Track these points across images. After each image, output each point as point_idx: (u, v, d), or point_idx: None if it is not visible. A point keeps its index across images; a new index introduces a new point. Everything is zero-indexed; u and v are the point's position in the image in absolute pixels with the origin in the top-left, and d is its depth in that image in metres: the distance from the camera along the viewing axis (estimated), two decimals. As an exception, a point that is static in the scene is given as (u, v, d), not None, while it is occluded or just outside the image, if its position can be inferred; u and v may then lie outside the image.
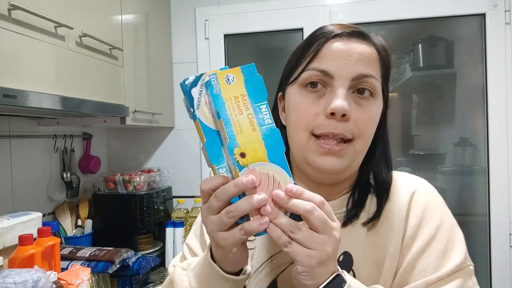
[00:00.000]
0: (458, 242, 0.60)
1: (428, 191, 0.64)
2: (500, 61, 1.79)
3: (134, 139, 2.15)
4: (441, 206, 0.63)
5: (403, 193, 0.63)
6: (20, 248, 1.06)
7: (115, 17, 1.54)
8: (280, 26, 1.99)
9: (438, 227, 0.60)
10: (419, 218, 0.61)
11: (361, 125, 0.57)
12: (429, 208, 0.61)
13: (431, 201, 0.63)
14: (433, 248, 0.58)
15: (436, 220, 0.60)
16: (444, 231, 0.60)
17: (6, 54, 0.98)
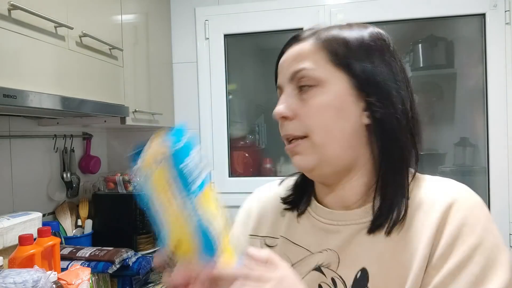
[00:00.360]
0: (501, 267, 0.50)
1: (471, 203, 0.54)
2: (500, 61, 1.79)
3: (134, 139, 2.15)
4: (483, 222, 0.54)
5: (438, 202, 0.54)
6: (20, 248, 1.06)
7: (115, 17, 1.54)
8: (280, 26, 1.99)
9: (476, 248, 0.51)
10: (453, 236, 0.52)
11: (307, 119, 0.56)
12: (468, 224, 0.52)
13: (472, 216, 0.53)
14: (466, 273, 0.50)
15: (474, 239, 0.51)
16: (483, 252, 0.51)
17: (6, 54, 0.98)
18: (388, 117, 0.55)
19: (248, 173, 2.10)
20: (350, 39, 0.57)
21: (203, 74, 2.07)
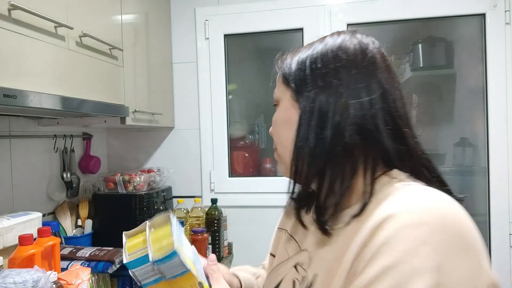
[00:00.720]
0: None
1: (405, 222, 0.48)
2: (500, 61, 1.79)
3: (134, 139, 2.15)
4: (410, 243, 0.46)
5: (375, 215, 0.51)
6: (20, 248, 1.06)
7: (115, 17, 1.54)
8: (280, 26, 1.99)
9: (388, 269, 0.46)
10: (372, 254, 0.48)
11: (272, 132, 0.67)
12: (389, 244, 0.47)
13: (398, 235, 0.47)
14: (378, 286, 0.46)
15: (389, 260, 0.46)
16: (395, 276, 0.45)
17: (6, 54, 0.98)
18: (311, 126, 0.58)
19: (248, 173, 2.10)
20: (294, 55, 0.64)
21: (203, 74, 2.07)
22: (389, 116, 0.58)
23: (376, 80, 0.59)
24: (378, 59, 0.61)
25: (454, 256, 0.46)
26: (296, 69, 0.62)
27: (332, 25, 1.93)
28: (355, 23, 1.93)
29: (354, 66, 0.59)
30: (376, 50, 0.62)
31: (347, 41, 0.61)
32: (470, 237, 0.48)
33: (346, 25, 1.92)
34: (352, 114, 0.56)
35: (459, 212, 0.50)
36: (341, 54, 0.60)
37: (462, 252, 0.46)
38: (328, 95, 0.58)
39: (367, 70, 0.59)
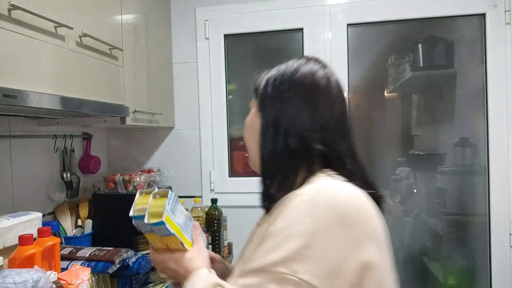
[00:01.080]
0: (282, 250, 0.60)
1: (303, 198, 0.64)
2: (500, 61, 1.79)
3: (134, 139, 2.15)
4: (296, 214, 0.63)
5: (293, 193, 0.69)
6: (20, 248, 1.06)
7: (115, 17, 1.54)
8: (280, 26, 1.99)
9: (276, 230, 0.63)
10: (273, 218, 0.67)
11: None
12: (285, 213, 0.64)
13: (294, 207, 0.64)
14: (261, 246, 0.64)
15: (279, 224, 0.64)
16: (278, 235, 0.62)
17: (6, 54, 0.98)
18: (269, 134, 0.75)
19: (248, 173, 2.10)
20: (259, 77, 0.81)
21: (203, 74, 2.07)
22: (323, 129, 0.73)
23: (317, 101, 0.74)
24: (322, 83, 0.75)
25: (330, 228, 0.60)
26: (263, 85, 0.79)
27: (332, 25, 1.93)
28: (355, 23, 1.93)
29: (302, 88, 0.75)
30: (322, 76, 0.76)
31: (301, 66, 0.77)
32: (354, 220, 0.62)
33: (346, 25, 1.92)
34: (296, 126, 0.72)
35: (353, 199, 0.65)
36: (294, 77, 0.76)
37: (339, 228, 0.60)
38: (281, 109, 0.74)
39: (311, 92, 0.75)
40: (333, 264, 0.58)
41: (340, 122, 0.76)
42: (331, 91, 0.76)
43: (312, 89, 0.75)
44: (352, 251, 0.60)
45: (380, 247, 0.64)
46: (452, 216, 1.93)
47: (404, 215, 2.05)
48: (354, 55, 1.96)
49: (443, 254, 1.99)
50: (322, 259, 0.58)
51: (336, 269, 0.58)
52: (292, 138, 0.72)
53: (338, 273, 0.58)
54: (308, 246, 0.59)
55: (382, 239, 0.66)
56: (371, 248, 0.61)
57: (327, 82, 0.76)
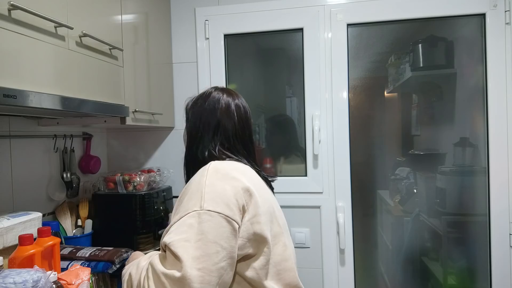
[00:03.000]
0: (191, 199, 0.91)
1: (199, 172, 1.00)
2: (500, 61, 1.79)
3: (134, 139, 2.15)
4: (197, 178, 0.97)
5: None
6: (20, 248, 1.06)
7: (115, 17, 1.54)
8: (280, 26, 1.99)
9: (185, 192, 0.96)
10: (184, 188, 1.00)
11: None
12: (192, 180, 0.99)
13: (195, 177, 0.99)
14: (178, 206, 0.95)
15: (188, 188, 0.96)
16: (187, 193, 0.94)
17: (6, 54, 0.98)
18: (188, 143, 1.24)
19: (248, 173, 2.10)
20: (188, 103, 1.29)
21: (203, 74, 2.08)
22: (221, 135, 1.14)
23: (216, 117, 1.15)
24: (222, 105, 1.15)
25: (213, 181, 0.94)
26: (187, 106, 1.27)
27: (332, 25, 1.93)
28: (355, 23, 1.93)
29: (205, 108, 1.18)
30: (224, 101, 1.16)
31: (210, 93, 1.20)
32: (224, 173, 0.97)
33: (346, 25, 1.92)
34: (201, 134, 1.17)
35: (221, 165, 1.01)
36: (201, 101, 1.21)
37: (218, 179, 0.95)
38: (192, 124, 1.22)
39: (212, 112, 1.15)
40: (223, 197, 0.90)
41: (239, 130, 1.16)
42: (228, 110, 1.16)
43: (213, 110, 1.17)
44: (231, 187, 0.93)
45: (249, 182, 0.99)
46: (452, 216, 1.93)
47: (404, 215, 2.05)
48: (354, 55, 1.96)
49: (443, 254, 1.99)
50: (215, 196, 0.90)
51: (225, 199, 0.90)
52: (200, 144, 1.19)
53: (227, 200, 0.90)
54: (206, 192, 0.90)
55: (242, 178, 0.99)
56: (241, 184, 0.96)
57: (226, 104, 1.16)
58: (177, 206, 0.95)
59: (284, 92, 2.09)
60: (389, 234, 2.11)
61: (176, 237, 0.84)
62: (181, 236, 0.84)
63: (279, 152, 2.10)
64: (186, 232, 0.84)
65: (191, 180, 0.98)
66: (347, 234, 1.93)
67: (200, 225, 0.84)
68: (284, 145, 2.12)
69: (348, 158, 1.93)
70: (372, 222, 2.11)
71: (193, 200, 0.89)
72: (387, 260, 2.12)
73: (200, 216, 0.85)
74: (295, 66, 2.01)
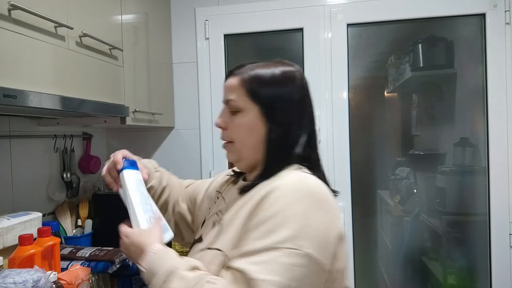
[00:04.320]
0: (287, 229, 0.69)
1: (286, 189, 0.75)
2: (500, 61, 1.79)
3: (134, 139, 2.15)
4: (293, 199, 0.73)
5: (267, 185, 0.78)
6: (20, 248, 1.06)
7: (115, 17, 1.54)
8: (280, 26, 1.99)
9: (276, 213, 0.71)
10: (267, 203, 0.74)
11: (232, 131, 0.86)
12: (275, 203, 0.73)
13: (283, 196, 0.74)
14: (262, 228, 0.71)
15: (279, 207, 0.72)
16: (279, 216, 0.71)
17: (6, 54, 0.98)
18: (276, 134, 0.82)
19: (248, 173, 2.10)
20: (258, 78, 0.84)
21: (203, 74, 2.08)
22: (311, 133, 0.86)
23: (306, 108, 0.87)
24: (306, 90, 0.88)
25: (315, 210, 0.73)
26: (265, 94, 0.84)
27: (332, 25, 1.93)
28: (355, 23, 1.93)
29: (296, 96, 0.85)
30: (305, 82, 0.88)
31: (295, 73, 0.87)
32: (327, 203, 0.76)
33: (346, 25, 1.92)
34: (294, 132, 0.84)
35: (321, 187, 0.78)
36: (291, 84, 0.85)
37: (321, 209, 0.74)
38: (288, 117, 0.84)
39: (302, 102, 0.86)
40: (323, 238, 0.71)
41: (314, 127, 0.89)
42: (310, 96, 0.89)
43: (302, 100, 0.86)
44: (332, 228, 0.74)
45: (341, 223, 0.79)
46: (452, 216, 1.93)
47: (404, 215, 2.05)
48: (354, 55, 1.96)
49: (443, 254, 1.99)
50: (316, 235, 0.71)
51: (325, 242, 0.71)
52: (291, 143, 0.84)
53: (327, 245, 0.72)
54: (305, 225, 0.70)
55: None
56: (339, 223, 0.77)
57: (307, 86, 0.88)
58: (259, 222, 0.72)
59: (284, 92, 2.09)
60: (389, 234, 2.11)
61: (264, 276, 0.67)
62: (271, 277, 0.66)
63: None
64: (278, 273, 0.67)
65: (278, 195, 0.74)
66: (347, 234, 1.93)
67: (296, 271, 0.68)
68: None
69: (348, 158, 1.93)
70: (372, 222, 2.11)
71: (288, 231, 0.69)
72: (387, 260, 2.12)
73: (298, 259, 0.68)
74: (295, 66, 2.01)
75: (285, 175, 0.80)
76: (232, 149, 0.88)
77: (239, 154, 0.88)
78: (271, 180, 0.80)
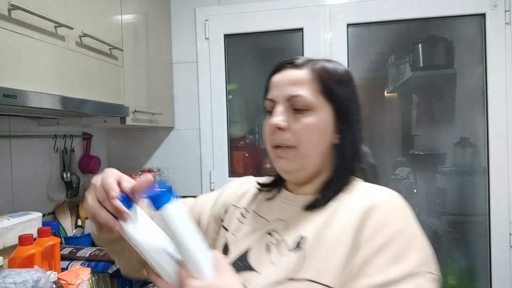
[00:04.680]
0: (417, 250, 0.60)
1: (390, 206, 0.66)
2: (500, 61, 1.79)
3: (134, 139, 2.15)
4: (406, 217, 0.64)
5: (361, 202, 0.66)
6: (20, 248, 1.06)
7: (115, 17, 1.54)
8: (280, 26, 1.99)
9: (398, 232, 0.62)
10: (379, 223, 0.63)
11: (298, 133, 0.70)
12: (393, 216, 0.64)
13: (396, 211, 0.65)
14: (389, 249, 0.60)
15: (397, 226, 0.62)
16: (405, 237, 0.61)
17: (6, 54, 0.98)
18: (348, 140, 0.73)
19: (248, 173, 2.09)
20: (335, 75, 0.73)
21: (203, 74, 2.07)
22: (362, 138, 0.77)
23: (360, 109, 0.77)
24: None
25: (420, 229, 0.65)
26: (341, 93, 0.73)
27: (332, 25, 1.93)
28: (355, 23, 1.93)
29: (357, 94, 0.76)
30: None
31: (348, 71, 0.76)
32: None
33: (346, 25, 1.92)
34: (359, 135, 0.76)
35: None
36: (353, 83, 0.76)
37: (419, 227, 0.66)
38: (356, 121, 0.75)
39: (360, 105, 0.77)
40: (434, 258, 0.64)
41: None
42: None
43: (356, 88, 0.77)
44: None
45: None
46: (452, 216, 1.93)
47: (404, 215, 2.05)
48: (354, 55, 1.96)
49: (443, 254, 1.99)
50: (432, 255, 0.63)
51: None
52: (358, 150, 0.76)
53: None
54: (426, 246, 0.63)
55: None
56: None
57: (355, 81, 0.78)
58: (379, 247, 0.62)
59: (284, 92, 2.09)
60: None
61: None
62: None
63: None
64: None
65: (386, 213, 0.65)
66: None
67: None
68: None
69: (348, 158, 1.93)
70: (372, 222, 2.11)
71: (418, 253, 0.61)
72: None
73: (435, 284, 0.61)
74: (295, 66, 2.01)
75: (366, 188, 0.72)
76: (293, 156, 0.71)
77: (302, 161, 0.72)
78: (353, 195, 0.70)
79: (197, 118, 2.09)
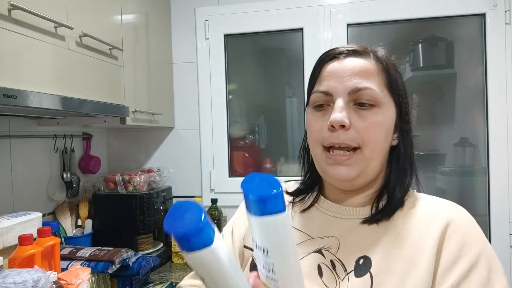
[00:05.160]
0: (500, 271, 0.58)
1: (466, 221, 0.61)
2: (500, 61, 1.79)
3: (134, 139, 2.15)
4: (480, 235, 0.61)
5: (437, 219, 0.61)
6: (20, 248, 1.06)
7: (115, 17, 1.54)
8: (280, 26, 1.99)
9: (480, 254, 0.57)
10: (460, 244, 0.58)
11: (363, 133, 0.60)
12: (471, 235, 0.59)
13: (473, 230, 0.61)
14: (476, 274, 0.56)
15: (478, 247, 0.58)
16: (486, 258, 0.58)
17: (6, 54, 0.98)
18: (407, 141, 0.65)
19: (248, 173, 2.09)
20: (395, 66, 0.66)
21: (203, 74, 2.07)
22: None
23: None
24: None
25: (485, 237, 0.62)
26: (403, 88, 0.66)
27: (332, 25, 1.93)
28: (355, 23, 1.93)
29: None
30: None
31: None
32: None
33: (346, 25, 1.92)
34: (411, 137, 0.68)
35: None
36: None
37: None
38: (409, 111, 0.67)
39: None
40: None
41: None
42: None
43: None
44: None
45: None
46: (452, 216, 1.93)
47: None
48: (354, 55, 1.95)
49: (443, 254, 1.99)
50: None
51: None
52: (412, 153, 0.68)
53: None
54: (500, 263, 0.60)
55: None
56: None
57: None
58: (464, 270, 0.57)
59: (284, 92, 2.09)
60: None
61: None
62: None
63: (279, 152, 2.10)
64: None
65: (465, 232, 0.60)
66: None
67: None
68: (284, 145, 2.12)
69: (348, 158, 1.93)
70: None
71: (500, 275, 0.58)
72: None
73: None
74: (295, 66, 2.01)
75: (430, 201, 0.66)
76: (356, 160, 0.61)
77: (365, 166, 0.62)
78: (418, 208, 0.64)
79: (197, 118, 2.09)
